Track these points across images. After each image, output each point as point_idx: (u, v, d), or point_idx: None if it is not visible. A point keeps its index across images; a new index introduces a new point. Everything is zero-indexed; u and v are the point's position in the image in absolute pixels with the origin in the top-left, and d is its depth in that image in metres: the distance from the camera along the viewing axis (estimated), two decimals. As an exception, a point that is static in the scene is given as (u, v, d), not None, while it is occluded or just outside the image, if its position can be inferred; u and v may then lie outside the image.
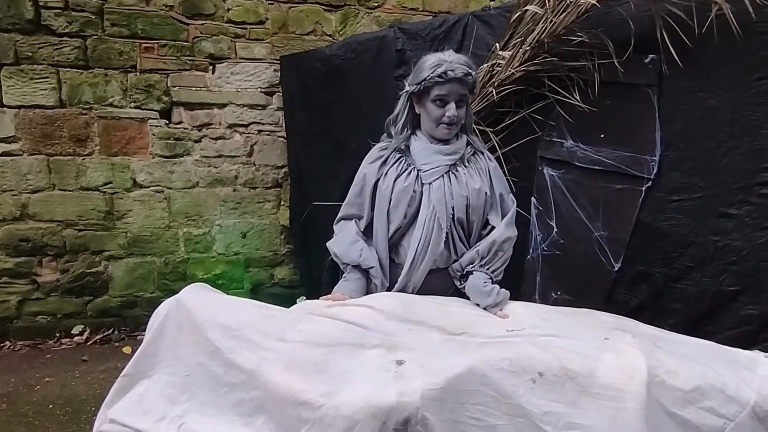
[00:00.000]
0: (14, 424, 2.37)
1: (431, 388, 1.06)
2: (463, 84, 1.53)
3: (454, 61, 1.51)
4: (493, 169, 1.65)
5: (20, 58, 3.11)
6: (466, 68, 1.52)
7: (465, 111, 1.60)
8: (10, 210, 3.20)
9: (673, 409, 1.07)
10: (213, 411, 1.19)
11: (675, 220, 1.84)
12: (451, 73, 1.49)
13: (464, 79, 1.52)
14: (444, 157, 1.58)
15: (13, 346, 3.24)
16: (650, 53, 1.85)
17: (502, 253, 1.58)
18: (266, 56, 3.48)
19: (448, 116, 1.54)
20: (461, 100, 1.55)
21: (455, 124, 1.57)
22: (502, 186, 1.64)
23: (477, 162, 1.63)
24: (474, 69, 1.56)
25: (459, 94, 1.54)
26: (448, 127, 1.57)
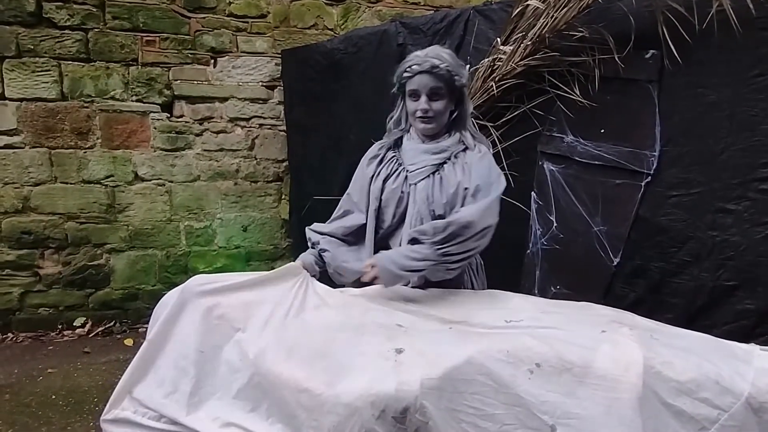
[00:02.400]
0: (17, 414, 2.39)
1: (430, 377, 1.08)
2: (435, 77, 1.51)
3: (425, 55, 1.52)
4: (476, 161, 1.55)
5: (22, 51, 3.11)
6: (435, 61, 1.50)
7: (444, 104, 1.55)
8: (12, 203, 3.21)
9: (669, 399, 1.09)
10: (222, 393, 1.22)
11: (674, 215, 1.86)
12: (417, 67, 1.51)
13: (433, 72, 1.50)
14: (431, 157, 1.58)
15: (15, 338, 3.26)
16: (651, 49, 1.85)
17: (460, 238, 1.41)
18: (268, 50, 3.48)
19: (419, 109, 1.54)
20: (435, 93, 1.53)
21: (432, 118, 1.55)
22: (482, 177, 1.53)
23: (464, 158, 1.57)
24: (450, 62, 1.52)
25: (429, 87, 1.52)
26: (423, 121, 1.56)
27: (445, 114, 1.57)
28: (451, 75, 1.51)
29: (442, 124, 1.59)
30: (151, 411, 1.26)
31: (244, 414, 1.18)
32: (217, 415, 1.22)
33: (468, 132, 1.60)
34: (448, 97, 1.56)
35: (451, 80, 1.52)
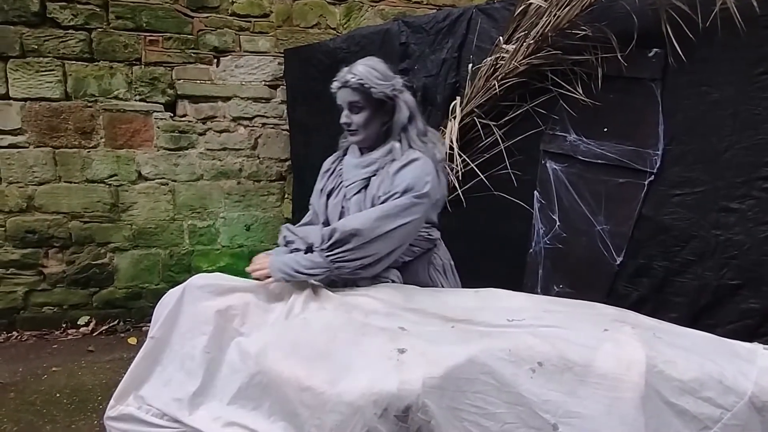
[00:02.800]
0: (22, 412, 2.40)
1: (432, 376, 1.08)
2: (351, 90, 1.54)
3: (345, 70, 1.57)
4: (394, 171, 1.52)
5: (26, 50, 3.13)
6: (348, 75, 1.54)
7: (365, 116, 1.56)
8: (17, 202, 3.23)
9: (671, 398, 1.08)
10: (224, 393, 1.22)
11: (677, 214, 1.85)
12: (336, 83, 1.58)
13: (347, 86, 1.54)
14: (361, 171, 1.60)
15: (20, 336, 3.28)
16: (654, 47, 1.85)
17: (348, 245, 1.42)
18: (270, 49, 3.48)
19: (342, 122, 1.60)
20: (354, 106, 1.56)
21: (356, 131, 1.59)
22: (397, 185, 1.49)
23: (389, 167, 1.55)
24: (364, 74, 1.53)
25: (348, 101, 1.57)
26: (349, 134, 1.62)
27: (370, 125, 1.58)
28: (365, 87, 1.53)
29: (371, 135, 1.60)
30: (155, 409, 1.26)
31: (245, 413, 1.19)
32: (219, 414, 1.22)
33: (401, 141, 1.58)
34: (371, 108, 1.57)
35: (367, 92, 1.53)
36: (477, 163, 2.28)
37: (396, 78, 1.61)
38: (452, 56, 2.41)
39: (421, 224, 1.56)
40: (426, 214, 1.54)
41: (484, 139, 2.27)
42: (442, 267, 1.72)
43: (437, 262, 1.71)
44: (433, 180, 1.52)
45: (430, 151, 1.59)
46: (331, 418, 1.07)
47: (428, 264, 1.69)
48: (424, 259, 1.69)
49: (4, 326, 3.29)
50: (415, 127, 1.62)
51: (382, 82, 1.55)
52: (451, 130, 2.29)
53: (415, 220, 1.48)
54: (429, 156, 1.57)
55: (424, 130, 1.65)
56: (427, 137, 1.64)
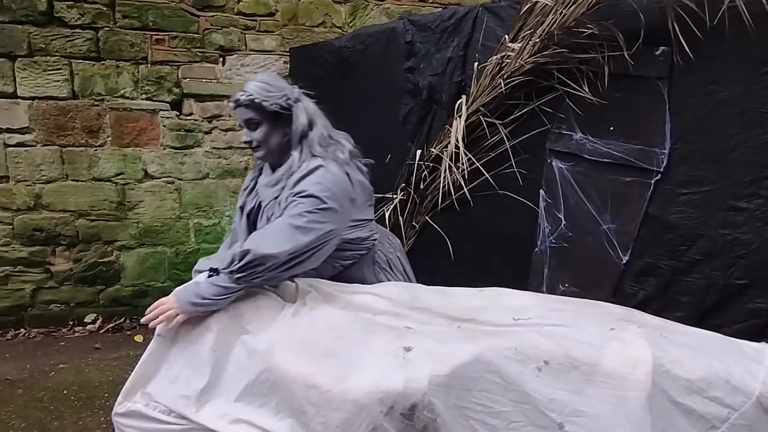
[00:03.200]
0: (30, 408, 2.42)
1: (438, 374, 1.08)
2: (249, 107, 1.54)
3: (237, 91, 1.57)
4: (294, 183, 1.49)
5: (34, 50, 3.14)
6: (238, 94, 1.55)
7: (264, 131, 1.55)
8: (24, 200, 3.25)
9: (678, 398, 1.08)
10: (231, 391, 1.23)
11: (684, 213, 1.84)
12: (231, 104, 1.59)
13: (240, 105, 1.54)
14: (271, 190, 1.58)
15: (27, 334, 3.30)
16: (661, 45, 1.84)
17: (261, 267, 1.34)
18: (276, 48, 3.49)
19: (243, 141, 1.61)
20: (251, 123, 1.56)
21: (257, 147, 1.59)
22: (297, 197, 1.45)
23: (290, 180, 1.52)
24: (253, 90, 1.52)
25: (244, 119, 1.57)
26: (252, 151, 1.62)
27: (271, 139, 1.57)
28: (255, 102, 1.52)
29: (274, 149, 1.59)
30: (162, 405, 1.27)
31: (252, 410, 1.19)
32: (226, 411, 1.23)
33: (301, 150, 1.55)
34: (268, 122, 1.56)
35: (259, 107, 1.53)
36: (482, 161, 2.28)
37: (290, 87, 1.60)
38: (458, 55, 2.41)
39: (338, 231, 1.47)
40: (339, 220, 1.46)
41: (490, 138, 2.26)
42: (386, 263, 1.70)
43: (381, 258, 1.69)
44: (335, 185, 1.46)
45: (332, 154, 1.54)
46: (337, 415, 1.08)
47: (372, 264, 1.67)
48: (367, 259, 1.66)
49: (12, 323, 3.32)
50: (316, 133, 1.58)
51: (274, 93, 1.54)
52: (457, 129, 2.29)
53: (326, 230, 1.41)
54: (331, 159, 1.52)
55: (327, 133, 1.61)
56: (330, 139, 1.60)
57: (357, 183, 1.57)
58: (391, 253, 1.74)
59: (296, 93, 1.60)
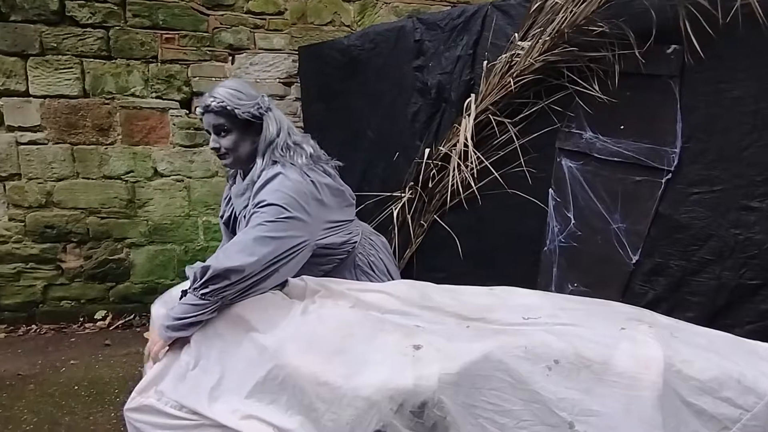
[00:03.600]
0: (42, 403, 2.45)
1: (448, 372, 1.08)
2: (215, 114, 1.51)
3: (207, 94, 1.54)
4: (254, 193, 1.47)
5: (45, 48, 3.17)
6: (208, 99, 1.51)
7: (233, 139, 1.53)
8: (36, 197, 3.28)
9: (689, 398, 1.08)
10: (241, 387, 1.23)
11: (695, 212, 1.83)
12: (199, 109, 1.56)
13: (210, 110, 1.51)
14: (240, 200, 1.57)
15: (39, 330, 3.34)
16: (672, 44, 1.82)
17: (226, 281, 1.32)
18: (285, 47, 3.50)
19: (211, 147, 1.58)
20: (221, 129, 1.53)
21: (225, 154, 1.56)
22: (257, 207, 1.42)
23: (252, 190, 1.50)
24: (224, 96, 1.49)
25: (213, 125, 1.54)
26: (220, 159, 1.60)
27: (240, 147, 1.55)
28: (227, 110, 1.49)
29: (242, 157, 1.56)
30: (173, 401, 1.28)
31: (263, 406, 1.20)
32: (237, 407, 1.24)
33: (264, 158, 1.52)
34: (239, 130, 1.53)
35: (230, 114, 1.50)
36: (491, 160, 2.28)
37: (261, 96, 1.58)
38: (467, 53, 2.40)
39: (308, 237, 1.44)
40: (306, 227, 1.43)
41: (499, 137, 2.26)
42: (368, 265, 1.68)
43: (362, 261, 1.66)
44: (296, 192, 1.43)
45: (291, 159, 1.51)
46: (347, 412, 1.08)
47: (353, 267, 1.66)
48: (347, 263, 1.65)
49: (24, 319, 3.36)
50: (281, 140, 1.55)
51: (246, 101, 1.51)
52: (466, 128, 2.28)
53: (292, 238, 1.38)
54: (290, 164, 1.49)
55: (290, 139, 1.57)
56: (292, 144, 1.56)
57: (322, 186, 1.53)
58: (373, 255, 1.71)
59: (266, 101, 1.57)
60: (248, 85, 1.58)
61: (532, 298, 1.43)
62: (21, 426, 2.26)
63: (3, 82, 3.15)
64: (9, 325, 3.32)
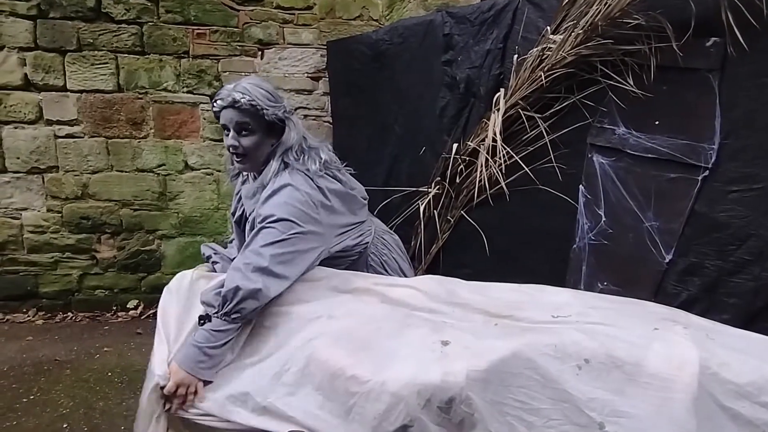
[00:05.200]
0: (77, 388, 2.54)
1: (476, 369, 1.08)
2: (239, 111, 1.44)
3: (232, 88, 1.46)
4: (263, 201, 1.43)
5: (82, 44, 3.27)
6: (236, 95, 1.43)
7: (255, 140, 1.47)
8: (73, 189, 3.39)
9: (726, 402, 1.04)
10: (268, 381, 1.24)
11: (733, 211, 1.77)
12: (221, 102, 1.46)
13: (236, 106, 1.43)
14: (250, 201, 1.53)
15: (74, 317, 3.45)
16: (712, 36, 1.76)
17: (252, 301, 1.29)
18: (313, 41, 3.52)
19: (226, 145, 1.50)
20: (243, 128, 1.46)
21: (244, 155, 1.49)
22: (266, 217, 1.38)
23: (261, 194, 1.46)
24: (254, 95, 1.44)
25: (235, 122, 1.46)
26: (236, 158, 1.52)
27: (260, 149, 1.49)
28: (256, 108, 1.43)
29: (259, 160, 1.50)
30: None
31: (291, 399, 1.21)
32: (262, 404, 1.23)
33: (275, 162, 1.48)
34: (262, 132, 1.48)
35: (258, 114, 1.44)
36: (521, 156, 2.24)
37: (284, 99, 1.54)
38: (497, 47, 2.37)
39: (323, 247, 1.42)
40: (320, 238, 1.40)
41: (529, 132, 2.22)
42: (380, 264, 1.65)
43: (374, 260, 1.64)
44: (305, 204, 1.38)
45: (302, 165, 1.47)
46: (374, 406, 1.09)
47: (365, 267, 1.63)
48: (360, 263, 1.62)
49: (60, 307, 3.48)
50: (297, 144, 1.51)
51: (275, 103, 1.47)
52: (495, 123, 2.26)
53: (308, 252, 1.36)
54: (299, 172, 1.45)
55: (306, 144, 1.54)
56: (304, 149, 1.52)
57: (331, 192, 1.49)
58: (385, 254, 1.69)
59: (288, 105, 1.54)
60: (272, 86, 1.54)
61: (562, 296, 1.40)
62: (58, 409, 2.35)
63: (42, 77, 3.25)
64: (47, 312, 3.45)
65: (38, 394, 2.48)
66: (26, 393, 2.48)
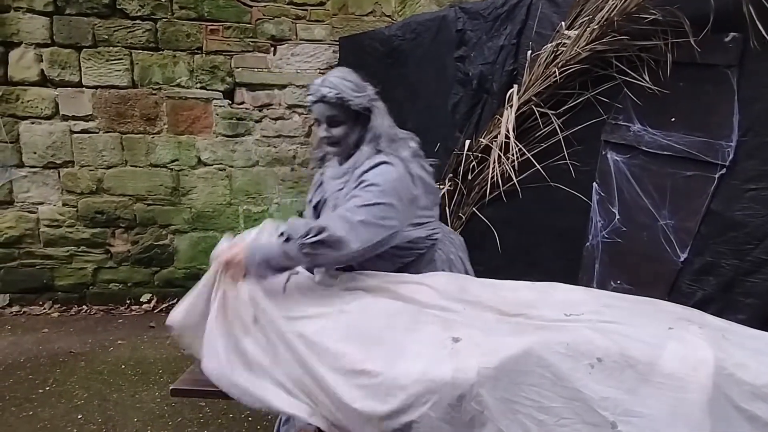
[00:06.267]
0: (92, 380, 2.57)
1: (487, 366, 1.07)
2: (328, 105, 1.52)
3: (320, 83, 1.55)
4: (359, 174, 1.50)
5: (97, 41, 3.30)
6: (324, 89, 1.51)
7: (345, 129, 1.55)
8: (88, 184, 3.43)
9: (742, 403, 1.03)
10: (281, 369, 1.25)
11: (751, 210, 1.74)
12: (311, 97, 1.55)
13: (324, 101, 1.52)
14: (336, 182, 1.61)
15: (89, 310, 3.50)
16: (731, 31, 1.73)
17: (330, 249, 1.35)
18: (326, 37, 3.52)
19: (320, 136, 1.60)
20: (332, 120, 1.55)
21: (336, 144, 1.58)
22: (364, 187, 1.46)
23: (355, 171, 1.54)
24: (340, 88, 1.51)
25: (326, 115, 1.55)
26: (328, 146, 1.61)
27: (350, 137, 1.58)
28: (343, 101, 1.52)
29: (350, 147, 1.59)
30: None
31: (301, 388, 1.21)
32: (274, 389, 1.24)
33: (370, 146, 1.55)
34: (351, 121, 1.56)
35: (344, 105, 1.52)
36: (534, 153, 2.23)
37: (368, 86, 1.61)
38: (510, 43, 2.35)
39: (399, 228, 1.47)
40: (400, 218, 1.46)
41: (542, 129, 2.21)
42: (446, 262, 1.66)
43: (440, 258, 1.66)
44: (398, 182, 1.47)
45: (396, 152, 1.55)
46: (385, 401, 1.09)
47: (430, 263, 1.64)
48: (426, 258, 1.64)
49: (76, 300, 3.53)
50: (385, 131, 1.58)
51: (358, 93, 1.55)
52: (508, 119, 2.24)
53: (387, 225, 1.41)
54: (395, 156, 1.53)
55: (394, 132, 1.61)
56: (395, 137, 1.60)
57: (419, 181, 1.57)
58: (452, 252, 1.71)
59: (373, 92, 1.61)
60: (356, 75, 1.61)
61: (574, 294, 1.38)
62: (73, 401, 2.39)
63: (58, 73, 3.30)
64: (62, 305, 3.50)
65: (54, 385, 2.52)
66: (42, 384, 2.52)
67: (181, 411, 2.31)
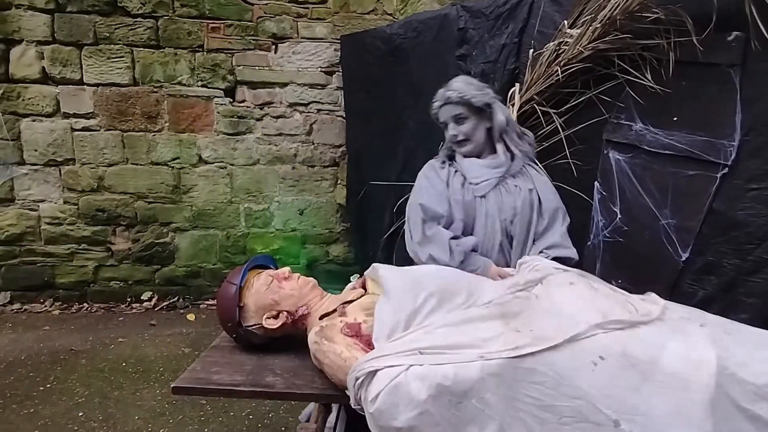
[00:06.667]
0: (93, 378, 2.58)
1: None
2: (455, 104, 1.74)
3: (444, 90, 1.78)
4: (543, 182, 1.79)
5: (99, 38, 3.30)
6: (447, 93, 1.75)
7: (472, 125, 1.76)
8: (89, 182, 3.43)
9: (744, 403, 1.02)
10: None
11: (753, 209, 1.73)
12: (437, 103, 1.79)
13: (450, 102, 1.75)
14: (492, 171, 1.75)
15: (90, 308, 3.51)
16: (734, 30, 1.73)
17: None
18: (327, 36, 3.51)
19: (451, 135, 1.78)
20: (459, 118, 1.76)
21: (465, 140, 1.77)
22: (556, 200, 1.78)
23: (527, 173, 1.79)
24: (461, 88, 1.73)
25: (452, 115, 1.76)
26: (459, 145, 1.79)
27: (477, 132, 1.77)
28: (465, 99, 1.73)
29: (479, 141, 1.78)
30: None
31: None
32: None
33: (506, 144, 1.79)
34: (476, 117, 1.76)
35: (468, 103, 1.73)
36: (535, 151, 2.22)
37: (487, 87, 1.80)
38: (512, 41, 2.35)
39: None
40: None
41: (544, 127, 2.20)
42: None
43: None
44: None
45: (527, 153, 1.83)
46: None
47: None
48: None
49: (76, 298, 3.53)
50: (513, 130, 1.81)
51: (479, 92, 1.74)
52: (509, 118, 2.23)
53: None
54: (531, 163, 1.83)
55: (520, 131, 1.84)
56: (524, 137, 1.84)
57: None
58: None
59: (491, 93, 1.79)
60: (476, 80, 1.82)
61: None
62: (74, 398, 2.39)
63: (60, 70, 3.29)
64: (63, 303, 3.51)
65: (54, 382, 2.52)
66: (43, 381, 2.52)
67: (182, 409, 2.31)
